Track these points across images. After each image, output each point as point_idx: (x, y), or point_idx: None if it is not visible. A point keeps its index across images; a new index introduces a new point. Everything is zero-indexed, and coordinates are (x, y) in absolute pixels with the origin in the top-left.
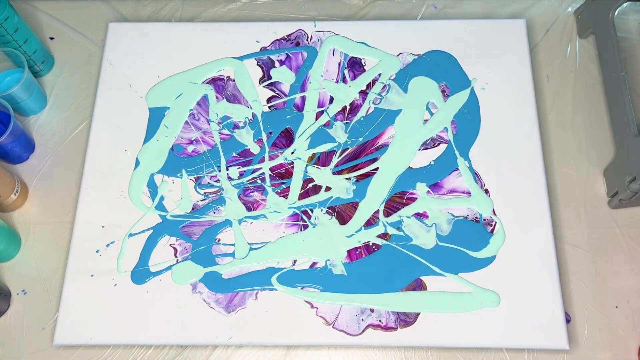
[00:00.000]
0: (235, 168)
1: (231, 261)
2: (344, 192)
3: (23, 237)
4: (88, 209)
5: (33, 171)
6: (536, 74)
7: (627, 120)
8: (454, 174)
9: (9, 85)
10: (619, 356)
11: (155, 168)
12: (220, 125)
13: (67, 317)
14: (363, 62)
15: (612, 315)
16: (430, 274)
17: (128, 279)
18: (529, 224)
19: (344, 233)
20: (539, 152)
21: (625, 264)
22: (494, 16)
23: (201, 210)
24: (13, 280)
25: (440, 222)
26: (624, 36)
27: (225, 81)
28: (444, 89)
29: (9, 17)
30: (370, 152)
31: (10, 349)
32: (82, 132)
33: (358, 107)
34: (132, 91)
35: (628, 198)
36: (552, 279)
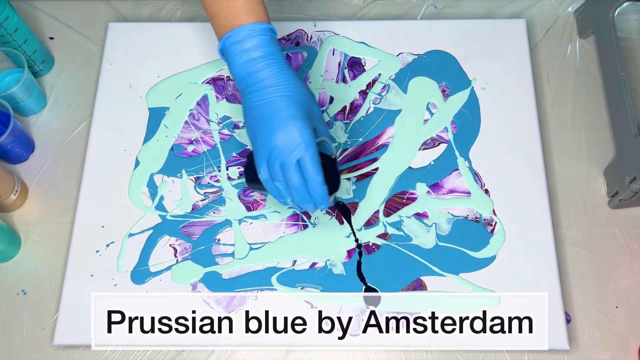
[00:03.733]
0: (235, 168)
1: (231, 261)
2: (344, 192)
3: (23, 237)
4: (88, 209)
5: (33, 171)
6: (536, 74)
7: (627, 120)
8: (454, 174)
9: (9, 85)
10: (619, 356)
11: (155, 168)
12: (220, 125)
13: (67, 317)
14: (363, 62)
15: (612, 315)
16: (430, 274)
17: (128, 279)
18: (529, 224)
19: (343, 233)
20: (539, 152)
21: (625, 264)
22: (494, 16)
23: (201, 210)
24: (13, 280)
25: (440, 222)
26: (624, 36)
27: (225, 81)
28: (444, 89)
29: (9, 17)
30: (370, 152)
31: (10, 349)
32: (82, 132)
33: (358, 107)
34: (132, 91)
35: (628, 198)
36: (552, 279)
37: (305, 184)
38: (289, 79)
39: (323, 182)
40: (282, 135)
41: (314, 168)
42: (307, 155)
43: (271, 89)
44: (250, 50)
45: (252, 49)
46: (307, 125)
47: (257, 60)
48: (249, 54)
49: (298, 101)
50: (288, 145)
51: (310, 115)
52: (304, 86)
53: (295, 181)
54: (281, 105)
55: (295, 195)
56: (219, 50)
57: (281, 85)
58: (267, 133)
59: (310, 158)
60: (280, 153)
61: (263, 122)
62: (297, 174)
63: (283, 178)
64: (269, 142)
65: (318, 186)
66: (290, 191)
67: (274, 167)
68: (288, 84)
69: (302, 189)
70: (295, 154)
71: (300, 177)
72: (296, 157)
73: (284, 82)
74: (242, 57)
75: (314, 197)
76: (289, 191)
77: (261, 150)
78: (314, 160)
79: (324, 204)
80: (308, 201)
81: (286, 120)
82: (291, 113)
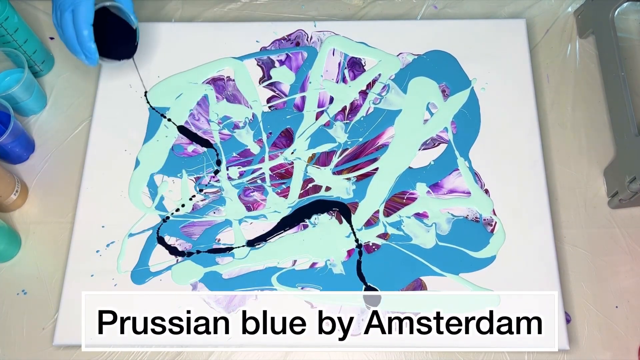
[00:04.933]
0: (235, 168)
1: (231, 261)
2: (344, 192)
3: (23, 237)
4: (88, 209)
5: (33, 171)
6: (536, 74)
7: (627, 120)
8: (454, 174)
9: (9, 85)
10: (619, 356)
11: (155, 168)
12: (220, 125)
13: (67, 317)
14: (363, 62)
15: (612, 315)
16: (430, 274)
17: (128, 279)
18: (529, 224)
19: (343, 233)
20: (539, 152)
21: (625, 264)
22: (494, 16)
23: (201, 210)
24: (13, 280)
25: (440, 222)
26: (624, 36)
27: (225, 81)
28: (444, 89)
29: (9, 17)
30: (370, 152)
31: (10, 349)
32: (82, 132)
33: (358, 107)
34: (132, 91)
35: (628, 198)
36: (552, 279)
37: (76, 36)
38: None
39: (89, 38)
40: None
41: (82, 22)
42: (81, 8)
43: None
44: None
45: None
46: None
47: None
48: None
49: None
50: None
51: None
52: None
53: (66, 32)
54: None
55: (66, 43)
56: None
57: None
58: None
59: (80, 12)
60: (62, 3)
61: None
62: (69, 25)
63: (60, 28)
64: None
65: (84, 40)
66: (65, 39)
67: (56, 14)
68: None
69: (72, 39)
70: (68, 4)
71: (72, 28)
72: (69, 8)
73: None
74: None
75: (82, 50)
76: (64, 38)
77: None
78: (83, 14)
79: (90, 59)
80: (78, 52)
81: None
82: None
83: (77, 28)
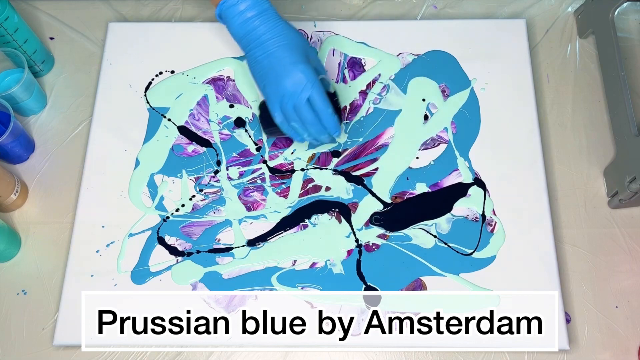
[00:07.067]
0: (235, 168)
1: (231, 261)
2: (344, 192)
3: (23, 237)
4: (88, 209)
5: (33, 171)
6: (536, 74)
7: (627, 120)
8: (454, 174)
9: (9, 85)
10: (619, 356)
11: (155, 168)
12: (220, 125)
13: (67, 317)
14: (363, 62)
15: (612, 315)
16: (430, 274)
17: (128, 279)
18: (529, 224)
19: (343, 233)
20: (539, 152)
21: (625, 264)
22: (494, 16)
23: (201, 210)
24: (13, 280)
25: (440, 221)
26: (624, 36)
27: (225, 81)
28: (443, 89)
29: (9, 17)
30: (370, 152)
31: (10, 349)
32: (82, 132)
33: (358, 107)
34: (132, 91)
35: (628, 198)
36: (552, 279)
37: (318, 118)
38: (285, 30)
39: (333, 113)
40: (289, 80)
41: (322, 102)
42: (315, 92)
43: (270, 41)
44: (245, 11)
45: (246, 10)
46: (309, 67)
47: (252, 19)
48: (244, 14)
49: (296, 47)
50: (296, 88)
51: (309, 58)
52: (299, 34)
53: (309, 117)
54: (282, 54)
55: (311, 129)
56: (217, 15)
57: (278, 36)
58: (275, 81)
59: (317, 94)
60: (292, 96)
61: (269, 73)
62: (309, 110)
63: (297, 117)
64: (279, 89)
65: (329, 117)
66: (306, 127)
67: (287, 109)
68: (284, 34)
69: (316, 123)
70: (304, 93)
71: (313, 112)
72: (306, 96)
73: (281, 33)
74: (239, 19)
75: (327, 128)
76: (304, 127)
77: (273, 97)
78: (321, 95)
79: (337, 132)
80: (323, 132)
81: (289, 66)
82: (292, 59)
83: (319, 110)
